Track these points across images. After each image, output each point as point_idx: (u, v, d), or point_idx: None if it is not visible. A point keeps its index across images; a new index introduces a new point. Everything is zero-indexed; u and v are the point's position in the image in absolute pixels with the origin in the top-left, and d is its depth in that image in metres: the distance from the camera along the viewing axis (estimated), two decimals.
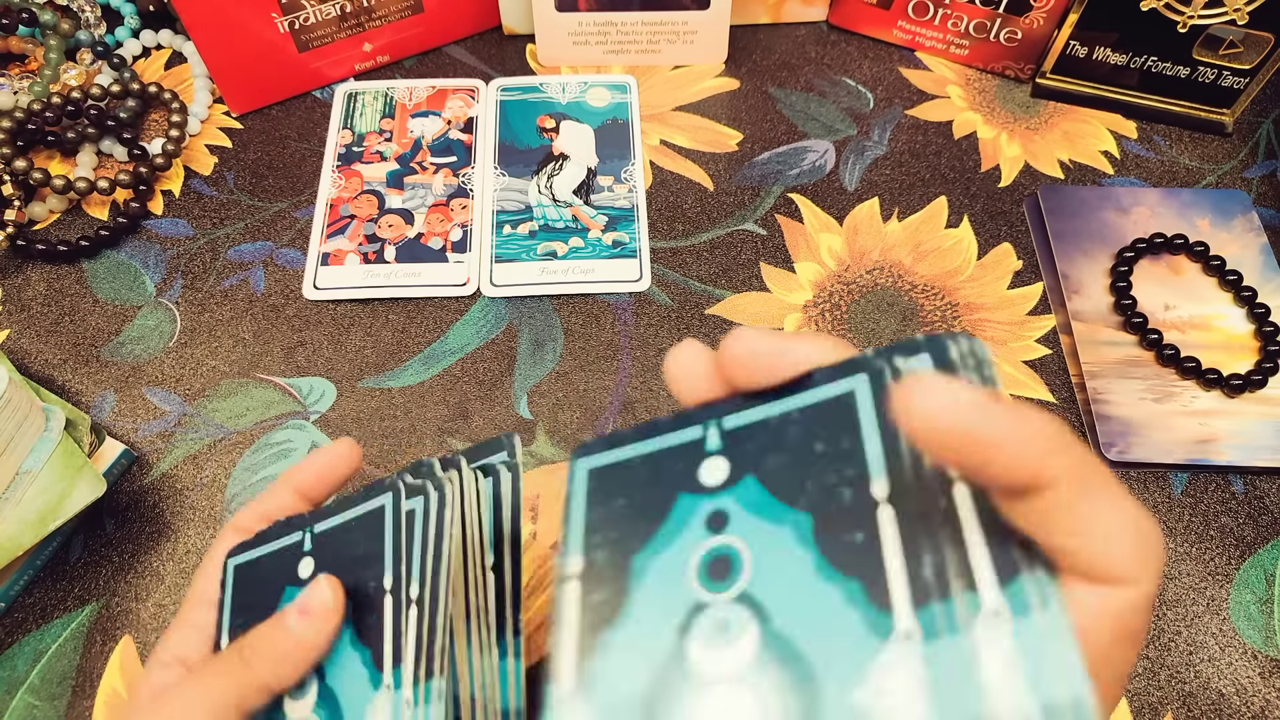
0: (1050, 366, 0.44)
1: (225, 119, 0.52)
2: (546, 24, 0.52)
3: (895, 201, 0.49)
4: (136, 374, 0.43)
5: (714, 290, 0.46)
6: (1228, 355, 0.43)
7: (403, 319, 0.45)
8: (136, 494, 0.40)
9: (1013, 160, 0.51)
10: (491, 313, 0.45)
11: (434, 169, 0.49)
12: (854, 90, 0.54)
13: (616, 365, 0.43)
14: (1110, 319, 0.44)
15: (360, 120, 0.51)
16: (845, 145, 0.51)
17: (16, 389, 0.36)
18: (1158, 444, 0.41)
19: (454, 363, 0.43)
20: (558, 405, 0.42)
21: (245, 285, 0.46)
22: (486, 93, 0.53)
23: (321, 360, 0.43)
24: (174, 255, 0.47)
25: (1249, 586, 0.38)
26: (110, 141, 0.50)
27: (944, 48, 0.54)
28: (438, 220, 0.47)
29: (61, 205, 0.47)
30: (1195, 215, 0.48)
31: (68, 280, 0.46)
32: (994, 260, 0.47)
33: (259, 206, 0.48)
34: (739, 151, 0.51)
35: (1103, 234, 0.47)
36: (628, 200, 0.48)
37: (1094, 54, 0.50)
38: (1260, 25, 0.46)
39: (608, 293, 0.46)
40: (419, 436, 0.41)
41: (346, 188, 0.49)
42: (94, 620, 0.37)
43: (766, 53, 0.55)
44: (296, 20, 0.49)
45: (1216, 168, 0.51)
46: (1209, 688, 0.36)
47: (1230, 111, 0.51)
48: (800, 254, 0.47)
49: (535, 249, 0.47)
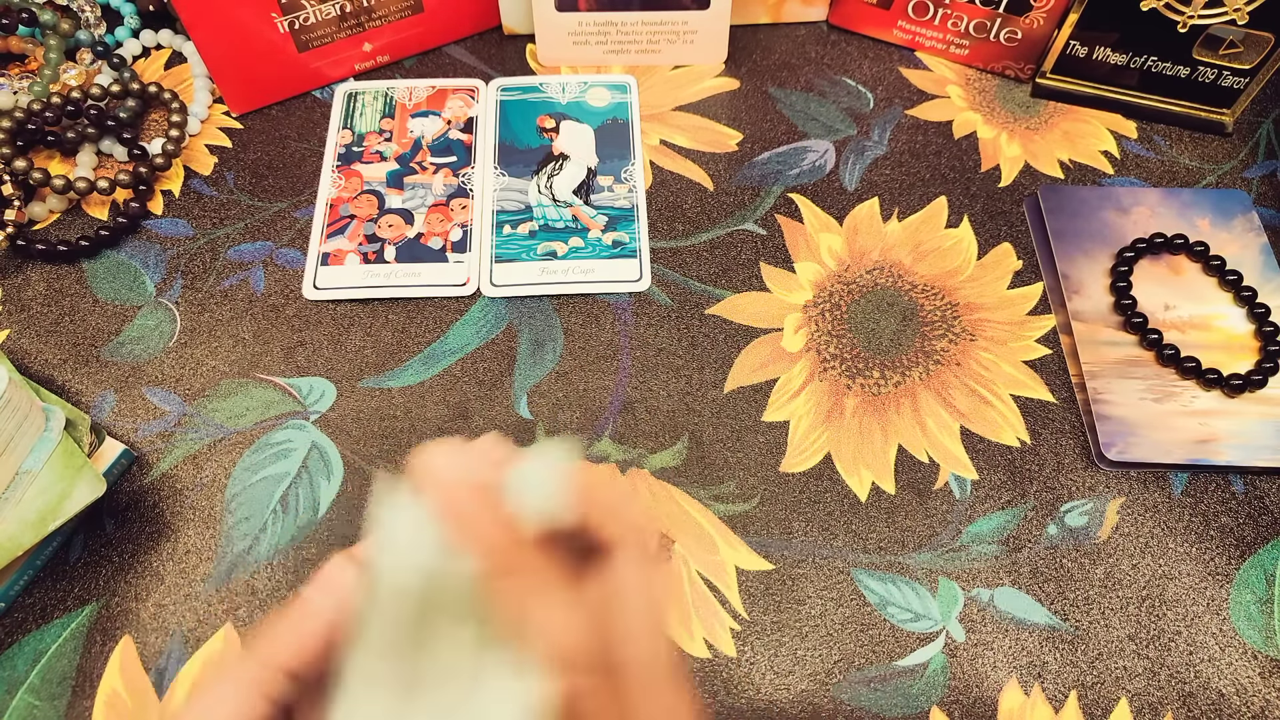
0: (1050, 366, 0.44)
1: (225, 119, 0.52)
2: (546, 24, 0.52)
3: (895, 201, 0.49)
4: (136, 374, 0.43)
5: (714, 290, 0.46)
6: (1228, 355, 0.43)
7: (403, 319, 0.45)
8: (136, 494, 0.40)
9: (1013, 160, 0.51)
10: (491, 313, 0.45)
11: (434, 169, 0.49)
12: (854, 90, 0.54)
13: (616, 365, 0.43)
14: (1110, 319, 0.44)
15: (360, 120, 0.51)
16: (845, 145, 0.51)
17: (16, 389, 0.36)
18: (1158, 444, 0.41)
19: (454, 363, 0.43)
20: (558, 405, 0.42)
21: (245, 285, 0.46)
22: (486, 93, 0.53)
23: (321, 360, 0.43)
24: (174, 255, 0.47)
25: (1249, 586, 0.38)
26: (110, 141, 0.50)
27: (944, 48, 0.54)
28: (438, 220, 0.47)
29: (61, 205, 0.47)
30: (1195, 215, 0.48)
31: (68, 280, 0.46)
32: (994, 260, 0.47)
33: (259, 206, 0.48)
34: (739, 151, 0.51)
35: (1103, 234, 0.47)
36: (628, 200, 0.48)
37: (1094, 54, 0.50)
38: (1260, 25, 0.46)
39: (608, 293, 0.46)
40: (419, 436, 0.41)
41: (346, 188, 0.49)
42: (94, 620, 0.37)
43: (766, 53, 0.55)
44: (296, 20, 0.49)
45: (1216, 168, 0.51)
46: (1209, 688, 0.36)
47: (1230, 111, 0.51)
48: (800, 254, 0.47)
49: (535, 249, 0.47)
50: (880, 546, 0.39)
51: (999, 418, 0.42)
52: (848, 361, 0.44)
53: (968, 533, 0.39)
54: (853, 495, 0.40)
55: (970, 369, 0.43)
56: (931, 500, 0.40)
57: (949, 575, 0.38)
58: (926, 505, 0.40)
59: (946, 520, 0.40)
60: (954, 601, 0.38)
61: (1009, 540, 0.39)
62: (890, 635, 0.37)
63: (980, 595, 0.38)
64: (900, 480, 0.41)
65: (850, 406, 0.42)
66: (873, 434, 0.42)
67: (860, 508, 0.40)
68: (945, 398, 0.43)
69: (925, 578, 0.38)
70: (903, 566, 0.39)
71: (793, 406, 0.42)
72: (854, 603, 0.38)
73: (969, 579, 0.38)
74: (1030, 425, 0.42)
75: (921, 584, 0.38)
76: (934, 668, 0.36)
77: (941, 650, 0.37)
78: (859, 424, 0.42)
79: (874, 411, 0.42)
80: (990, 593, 0.38)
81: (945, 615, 0.37)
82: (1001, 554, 0.39)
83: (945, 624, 0.37)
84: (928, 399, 0.43)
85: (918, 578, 0.38)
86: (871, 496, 0.40)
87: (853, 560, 0.39)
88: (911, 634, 0.37)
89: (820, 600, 0.38)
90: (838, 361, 0.44)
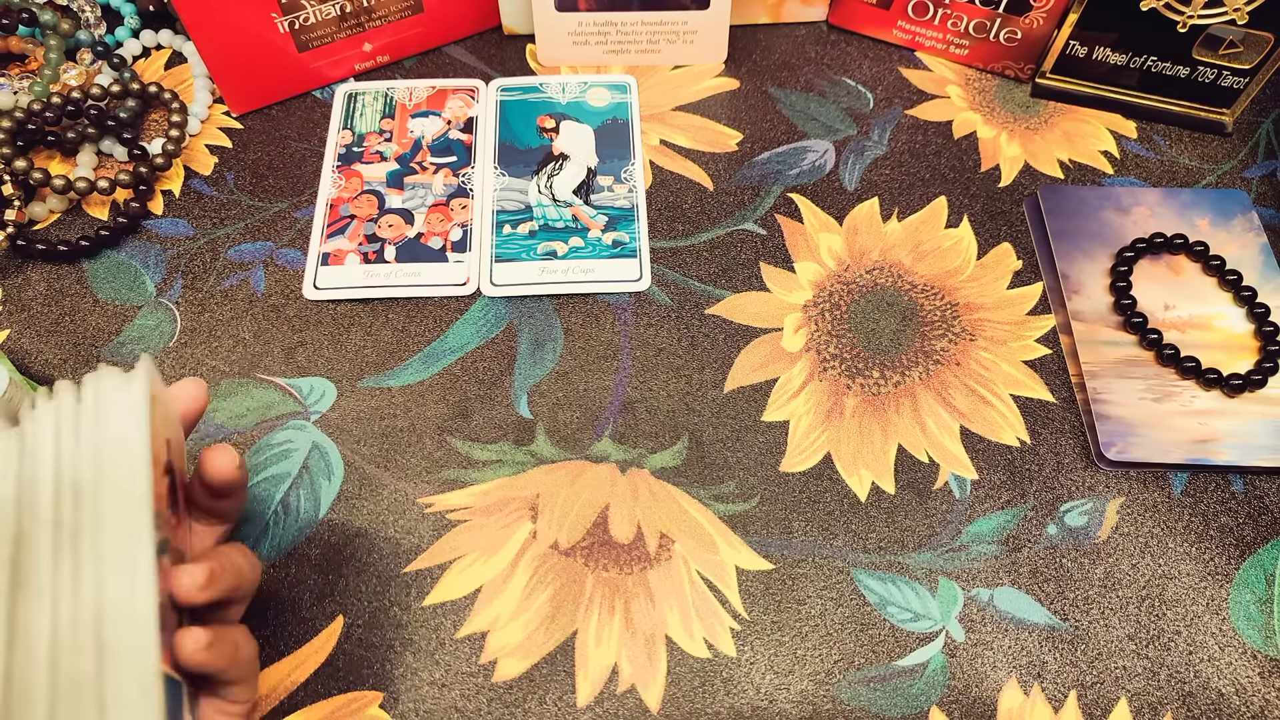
0: (1050, 366, 0.44)
1: (225, 119, 0.52)
2: (546, 24, 0.52)
3: (895, 201, 0.49)
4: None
5: (714, 290, 0.46)
6: (1227, 355, 0.43)
7: (403, 319, 0.45)
8: None
9: (1013, 160, 0.51)
10: (491, 312, 0.45)
11: (434, 169, 0.49)
12: (854, 90, 0.54)
13: (616, 365, 0.44)
14: (1110, 319, 0.44)
15: (360, 120, 0.51)
16: (845, 145, 0.51)
17: (17, 389, 0.36)
18: (1157, 444, 0.41)
19: (454, 362, 0.43)
20: (558, 405, 0.42)
21: (245, 285, 0.46)
22: (486, 93, 0.53)
23: (322, 360, 0.43)
24: (174, 255, 0.47)
25: (1249, 586, 0.38)
26: (110, 141, 0.50)
27: (944, 48, 0.54)
28: (438, 220, 0.47)
29: (61, 205, 0.47)
30: (1195, 215, 0.48)
31: (68, 280, 0.46)
32: (994, 260, 0.47)
33: (259, 206, 0.48)
34: (739, 151, 0.51)
35: (1102, 234, 0.47)
36: (628, 200, 0.48)
37: (1094, 54, 0.50)
38: (1260, 25, 0.46)
39: (608, 292, 0.46)
40: (419, 435, 0.41)
41: (346, 188, 0.49)
42: None
43: (766, 53, 0.55)
44: (296, 20, 0.49)
45: (1216, 168, 0.51)
46: (1209, 688, 0.36)
47: (1230, 111, 0.51)
48: (800, 254, 0.47)
49: (535, 249, 0.47)
50: (880, 546, 0.39)
51: (999, 418, 0.42)
52: (847, 361, 0.44)
53: (967, 532, 0.39)
54: (853, 495, 0.40)
55: (970, 369, 0.43)
56: (931, 500, 0.40)
57: (949, 575, 0.38)
58: (926, 505, 0.40)
59: (946, 520, 0.40)
60: (954, 601, 0.38)
61: (1009, 540, 0.39)
62: (890, 635, 0.37)
63: (980, 595, 0.38)
64: (900, 480, 0.41)
65: (850, 406, 0.42)
66: (872, 434, 0.42)
67: (860, 507, 0.40)
68: (945, 398, 0.43)
69: (925, 577, 0.38)
70: (902, 566, 0.39)
71: (792, 406, 0.42)
72: (854, 602, 0.38)
73: (969, 579, 0.38)
74: (1030, 425, 0.42)
75: (921, 584, 0.38)
76: (934, 668, 0.36)
77: (941, 650, 0.37)
78: (859, 424, 0.42)
79: (874, 411, 0.42)
80: (990, 592, 0.38)
81: (945, 615, 0.37)
82: (1001, 554, 0.39)
83: (945, 624, 0.37)
84: (927, 399, 0.43)
85: (917, 577, 0.38)
86: (871, 496, 0.40)
87: (853, 560, 0.39)
88: (911, 634, 0.37)
89: (820, 600, 0.38)
90: (837, 361, 0.44)
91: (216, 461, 0.30)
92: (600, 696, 0.35)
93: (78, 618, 0.24)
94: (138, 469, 0.25)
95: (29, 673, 0.24)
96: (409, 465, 0.41)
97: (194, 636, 0.27)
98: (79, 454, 0.25)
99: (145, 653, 0.24)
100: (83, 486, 0.25)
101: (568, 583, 0.38)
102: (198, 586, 0.27)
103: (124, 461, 0.26)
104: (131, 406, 0.26)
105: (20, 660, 0.24)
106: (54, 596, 0.24)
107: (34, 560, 0.24)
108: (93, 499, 0.25)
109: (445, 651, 0.36)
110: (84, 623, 0.24)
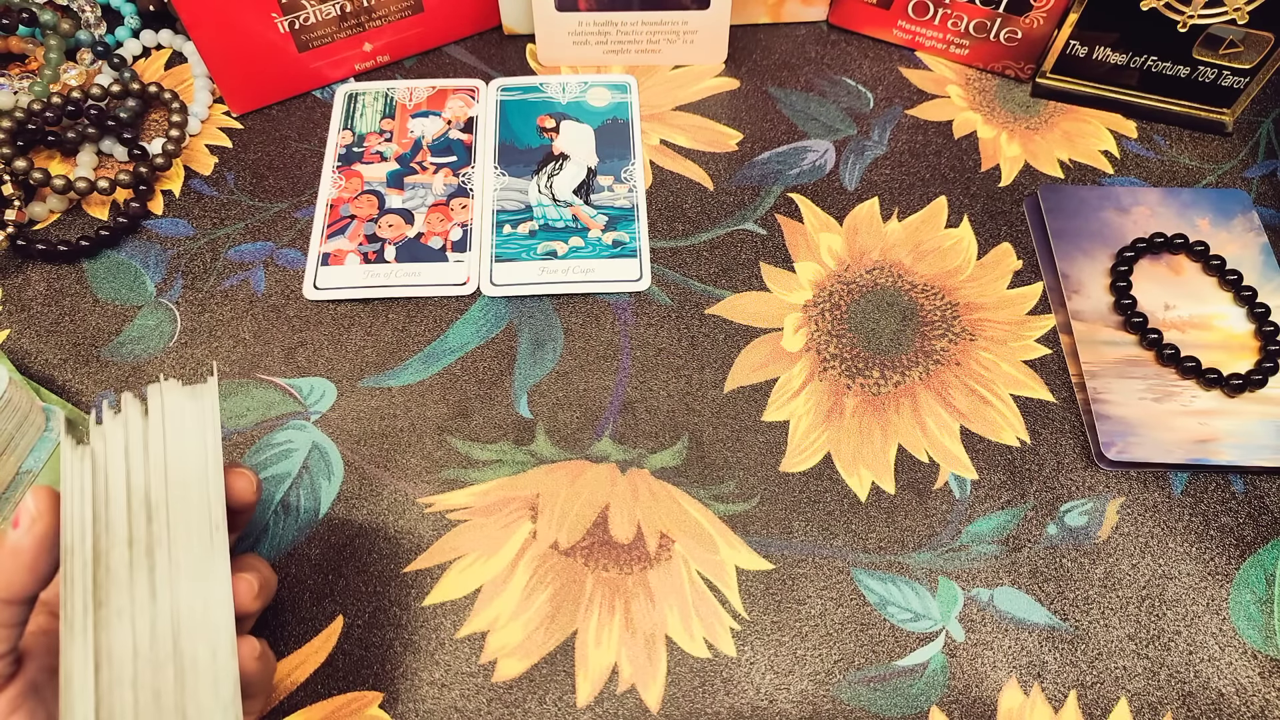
0: (1050, 366, 0.44)
1: (225, 119, 0.52)
2: (546, 24, 0.52)
3: (895, 201, 0.49)
4: (137, 374, 0.43)
5: (714, 290, 0.46)
6: (1228, 355, 0.43)
7: (403, 318, 0.45)
8: None
9: (1013, 160, 0.51)
10: (491, 312, 0.45)
11: (434, 169, 0.49)
12: (854, 90, 0.54)
13: (616, 365, 0.44)
14: (1110, 319, 0.44)
15: (360, 120, 0.51)
16: (845, 145, 0.51)
17: (17, 389, 0.36)
18: (1158, 443, 0.41)
19: (454, 362, 0.43)
20: (558, 405, 0.42)
21: (245, 285, 0.46)
22: (486, 93, 0.53)
23: (322, 360, 0.43)
24: (174, 255, 0.47)
25: (1249, 586, 0.38)
26: (110, 141, 0.50)
27: (944, 47, 0.54)
28: (438, 220, 0.48)
29: (61, 205, 0.47)
30: (1195, 215, 0.48)
31: (68, 280, 0.46)
32: (994, 260, 0.47)
33: (259, 206, 0.48)
34: (739, 151, 0.51)
35: (1103, 234, 0.47)
36: (628, 200, 0.48)
37: (1094, 54, 0.50)
38: (1260, 25, 0.46)
39: (608, 292, 0.46)
40: (419, 435, 0.41)
41: (347, 188, 0.49)
42: None
43: (766, 53, 0.55)
44: (296, 20, 0.49)
45: (1216, 167, 0.51)
46: (1209, 688, 0.36)
47: (1230, 111, 0.51)
48: (800, 254, 0.47)
49: (535, 249, 0.47)
50: (880, 546, 0.39)
51: (999, 417, 0.42)
52: (847, 361, 0.44)
53: (967, 532, 0.39)
54: (852, 495, 0.40)
55: (970, 369, 0.43)
56: (931, 500, 0.40)
57: (949, 575, 0.38)
58: (926, 505, 0.40)
59: (946, 520, 0.40)
60: (954, 601, 0.38)
61: (1009, 540, 0.39)
62: (890, 635, 0.37)
63: (980, 595, 0.38)
64: (900, 480, 0.41)
65: (850, 406, 0.42)
66: (872, 434, 0.42)
67: (860, 507, 0.40)
68: (945, 397, 0.43)
69: (925, 577, 0.38)
70: (902, 566, 0.39)
71: (792, 406, 0.42)
72: (854, 602, 0.38)
73: (969, 579, 0.38)
74: (1030, 425, 0.42)
75: (921, 584, 0.38)
76: (934, 667, 0.36)
77: (941, 650, 0.37)
78: (859, 424, 0.42)
79: (874, 411, 0.42)
80: (990, 592, 0.38)
81: (945, 615, 0.37)
82: (1001, 554, 0.39)
83: (945, 624, 0.37)
84: (927, 399, 0.43)
85: (917, 577, 0.38)
86: (871, 496, 0.40)
87: (853, 560, 0.39)
88: (911, 634, 0.37)
89: (820, 600, 0.38)
90: (837, 361, 0.44)
91: (236, 487, 0.30)
92: (600, 696, 0.35)
93: (155, 631, 0.25)
94: (212, 480, 0.26)
95: (115, 693, 0.24)
96: (409, 465, 0.41)
97: (250, 646, 0.27)
98: (149, 468, 0.26)
99: (224, 663, 0.25)
100: (155, 501, 0.26)
101: (568, 583, 0.38)
102: (253, 595, 0.28)
103: (196, 473, 0.26)
104: (202, 418, 0.27)
105: (106, 681, 0.24)
106: (133, 615, 0.25)
107: (112, 579, 0.25)
108: (165, 512, 0.26)
109: (445, 651, 0.36)
110: (161, 636, 0.25)
